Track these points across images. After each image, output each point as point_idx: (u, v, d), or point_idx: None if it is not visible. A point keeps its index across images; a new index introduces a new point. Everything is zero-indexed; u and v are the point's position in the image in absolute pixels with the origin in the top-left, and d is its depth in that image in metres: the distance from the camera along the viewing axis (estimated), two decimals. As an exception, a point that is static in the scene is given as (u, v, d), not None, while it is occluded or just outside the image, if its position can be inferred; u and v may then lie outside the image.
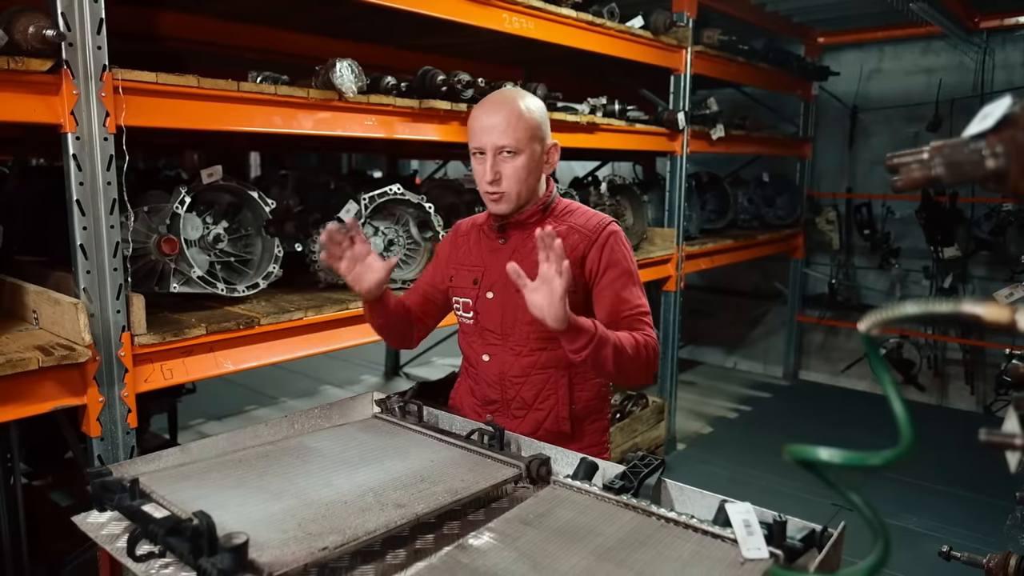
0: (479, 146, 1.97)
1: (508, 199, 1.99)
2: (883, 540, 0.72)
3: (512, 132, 1.92)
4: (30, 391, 2.09)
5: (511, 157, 1.94)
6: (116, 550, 1.35)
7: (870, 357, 0.75)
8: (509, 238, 2.07)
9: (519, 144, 1.93)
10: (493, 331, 2.07)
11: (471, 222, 2.24)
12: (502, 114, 1.93)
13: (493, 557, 1.27)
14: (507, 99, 1.97)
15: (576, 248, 2.00)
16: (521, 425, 2.04)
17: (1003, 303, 0.71)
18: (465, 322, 2.15)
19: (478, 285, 2.09)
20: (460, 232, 2.24)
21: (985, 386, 6.22)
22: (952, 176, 0.78)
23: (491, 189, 1.97)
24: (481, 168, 1.98)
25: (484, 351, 2.09)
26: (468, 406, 2.18)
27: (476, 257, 2.13)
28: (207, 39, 3.80)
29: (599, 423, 2.15)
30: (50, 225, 3.07)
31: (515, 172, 1.95)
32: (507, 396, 2.07)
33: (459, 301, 2.15)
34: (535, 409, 2.05)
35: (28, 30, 1.96)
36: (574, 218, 2.07)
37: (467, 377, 2.20)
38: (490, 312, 2.07)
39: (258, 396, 6.41)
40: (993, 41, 6.04)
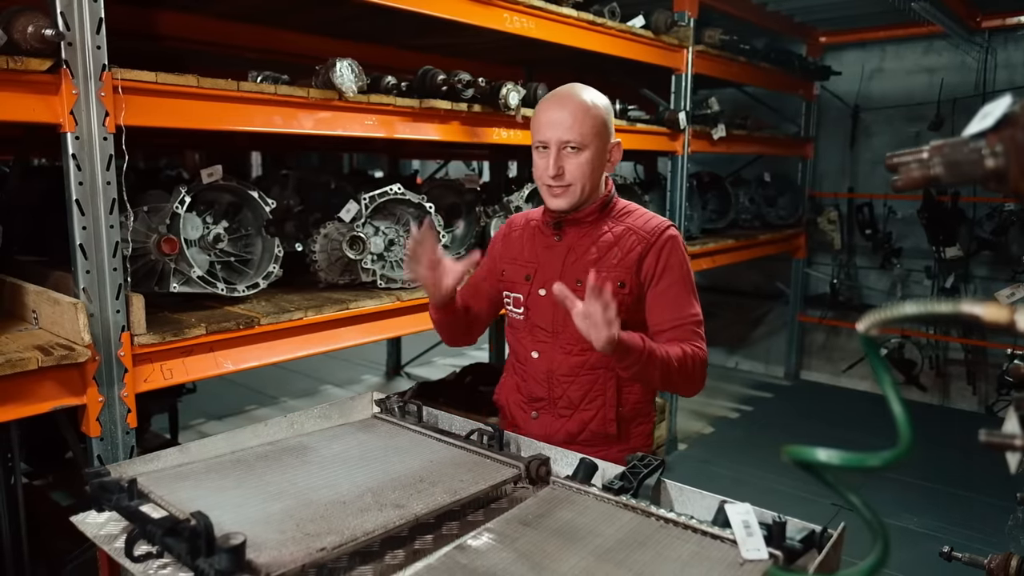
0: (543, 140, 1.95)
1: (570, 195, 1.96)
2: (882, 541, 0.72)
3: (578, 127, 1.90)
4: (30, 391, 2.09)
5: (575, 153, 1.92)
6: (114, 550, 1.35)
7: (870, 358, 0.74)
8: (564, 235, 2.05)
9: (584, 139, 1.91)
10: (544, 328, 2.04)
11: (525, 217, 2.22)
12: (568, 109, 1.92)
13: (492, 558, 1.27)
14: (574, 94, 1.95)
15: (633, 249, 1.98)
16: (567, 424, 2.03)
17: (1004, 303, 0.71)
18: (515, 317, 2.13)
19: (530, 281, 2.07)
20: (514, 227, 2.22)
21: (987, 386, 6.22)
22: (951, 176, 0.77)
23: (553, 183, 1.95)
24: (543, 162, 1.96)
25: (533, 348, 2.06)
26: (514, 402, 2.15)
27: (530, 253, 2.11)
28: (207, 39, 3.79)
29: (645, 426, 2.11)
30: (50, 225, 3.06)
31: (578, 168, 1.93)
32: (554, 395, 2.04)
33: (510, 296, 2.14)
34: (582, 409, 2.02)
35: (27, 30, 1.96)
36: (632, 219, 2.04)
37: (513, 373, 2.17)
38: (542, 309, 2.04)
39: (259, 396, 6.41)
40: (995, 41, 6.03)
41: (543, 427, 2.04)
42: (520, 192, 3.95)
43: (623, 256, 1.97)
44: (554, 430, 2.02)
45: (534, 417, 2.08)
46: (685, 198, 5.04)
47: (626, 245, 1.98)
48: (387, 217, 3.32)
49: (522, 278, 2.09)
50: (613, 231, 2.01)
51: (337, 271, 3.20)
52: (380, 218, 3.28)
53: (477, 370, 5.06)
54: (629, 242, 1.98)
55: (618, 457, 1.85)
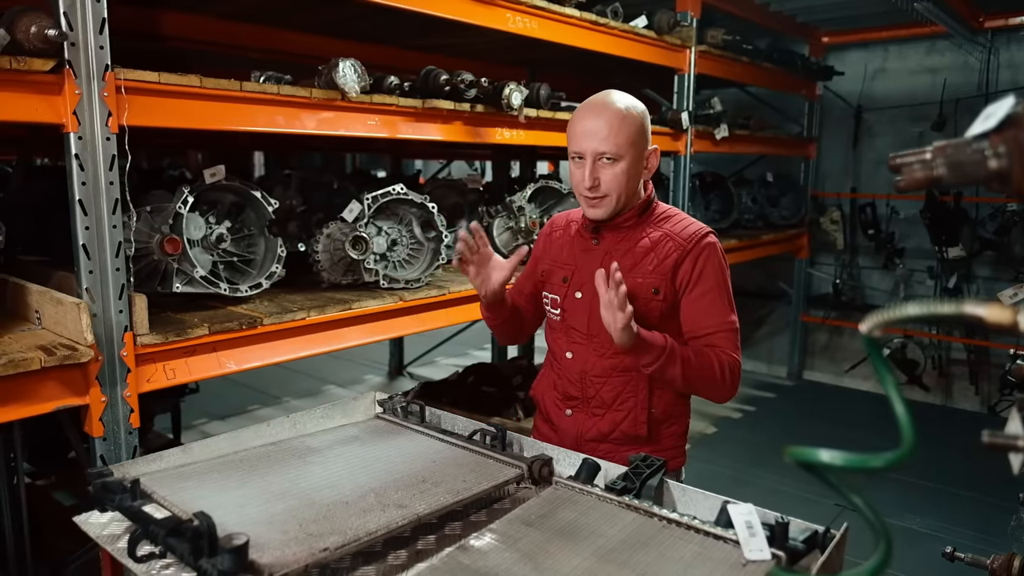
0: (579, 151, 1.94)
1: (606, 205, 1.97)
2: (885, 542, 0.72)
3: (613, 138, 1.89)
4: (33, 391, 2.09)
5: (611, 164, 1.92)
6: (117, 551, 1.35)
7: (872, 359, 0.74)
8: (602, 239, 2.06)
9: (619, 150, 1.90)
10: (578, 330, 2.06)
11: (566, 217, 2.22)
12: (604, 119, 1.90)
13: (495, 558, 1.27)
14: (609, 103, 1.93)
15: (669, 255, 1.98)
16: (599, 424, 2.05)
17: (1007, 303, 0.71)
18: (552, 318, 2.15)
19: (567, 283, 2.08)
20: (556, 227, 2.23)
21: (989, 386, 6.21)
22: (954, 176, 0.77)
23: (589, 195, 1.95)
24: (580, 172, 1.95)
25: (568, 348, 2.09)
26: (550, 399, 2.18)
27: (568, 255, 2.12)
28: (209, 39, 3.79)
29: (677, 427, 2.12)
30: (53, 225, 3.07)
31: (614, 178, 1.93)
32: (587, 394, 2.06)
33: (548, 296, 2.16)
34: (614, 410, 2.03)
35: (30, 30, 1.96)
36: (670, 224, 2.04)
37: (550, 371, 2.20)
38: (577, 311, 2.06)
39: (261, 396, 6.41)
40: (998, 40, 6.02)
41: (576, 424, 2.08)
42: (523, 192, 3.95)
43: (659, 262, 1.98)
44: (586, 428, 2.06)
45: (568, 414, 2.11)
46: (688, 198, 5.04)
47: (662, 251, 1.98)
48: (390, 217, 3.32)
49: (560, 280, 2.11)
50: (650, 236, 2.02)
51: (340, 271, 3.20)
52: (383, 218, 3.28)
53: (480, 370, 5.06)
54: (666, 248, 1.99)
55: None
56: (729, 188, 6.09)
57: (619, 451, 1.93)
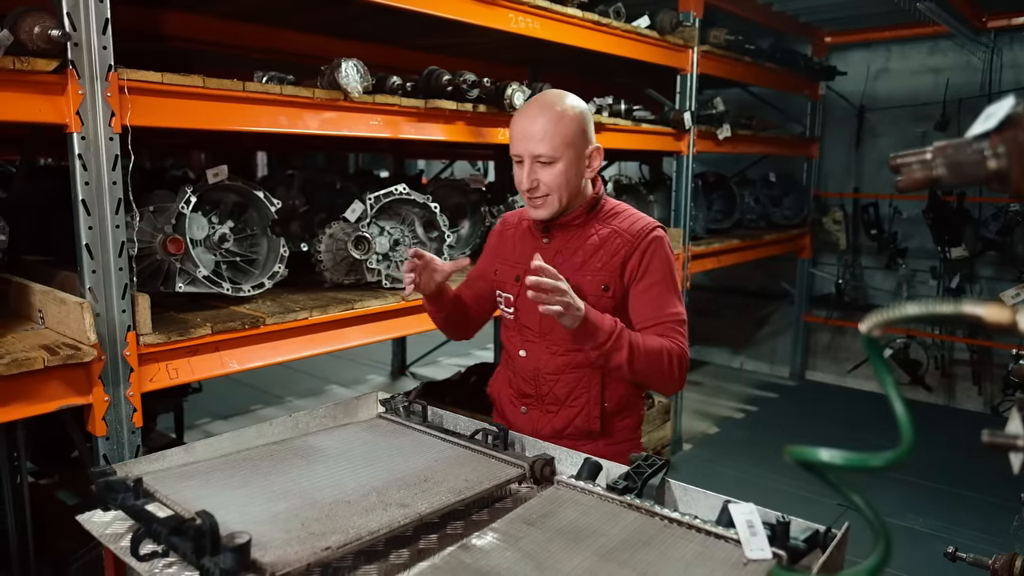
0: (517, 153, 1.97)
1: (548, 205, 1.99)
2: (884, 541, 0.72)
3: (549, 140, 1.91)
4: (36, 390, 2.10)
5: (548, 165, 1.94)
6: (120, 549, 1.35)
7: (872, 358, 0.75)
8: (553, 238, 2.08)
9: (555, 152, 1.93)
10: (531, 328, 2.08)
11: (519, 216, 2.24)
12: (539, 121, 1.92)
13: (496, 557, 1.27)
14: (546, 105, 1.95)
15: (618, 252, 2.00)
16: (553, 420, 2.08)
17: (1009, 303, 0.71)
18: (507, 316, 2.17)
19: (520, 282, 2.09)
20: (508, 225, 2.26)
21: (992, 387, 6.20)
22: (954, 176, 0.78)
23: (529, 196, 1.99)
24: (520, 174, 1.98)
25: (522, 346, 2.11)
26: (505, 396, 2.21)
27: (520, 253, 2.14)
28: (212, 39, 3.80)
29: (630, 420, 2.15)
30: (56, 225, 3.07)
31: (553, 179, 1.95)
32: (541, 392, 2.08)
33: (502, 295, 2.18)
34: (567, 406, 2.06)
35: (34, 30, 1.97)
36: (619, 220, 2.06)
37: (506, 369, 2.22)
38: (530, 310, 2.06)
39: (264, 396, 6.42)
40: (1001, 40, 6.01)
41: (531, 422, 2.10)
42: (525, 192, 3.95)
43: (608, 259, 2.00)
44: (541, 425, 2.08)
45: (523, 412, 2.13)
46: (690, 198, 5.04)
47: (611, 248, 2.01)
48: (392, 217, 3.33)
49: (512, 279, 2.13)
50: (600, 233, 2.04)
51: (342, 271, 3.21)
52: (385, 218, 3.29)
53: (482, 370, 5.06)
54: (614, 244, 2.01)
55: (604, 452, 1.91)
56: (732, 188, 6.09)
57: (575, 447, 1.93)
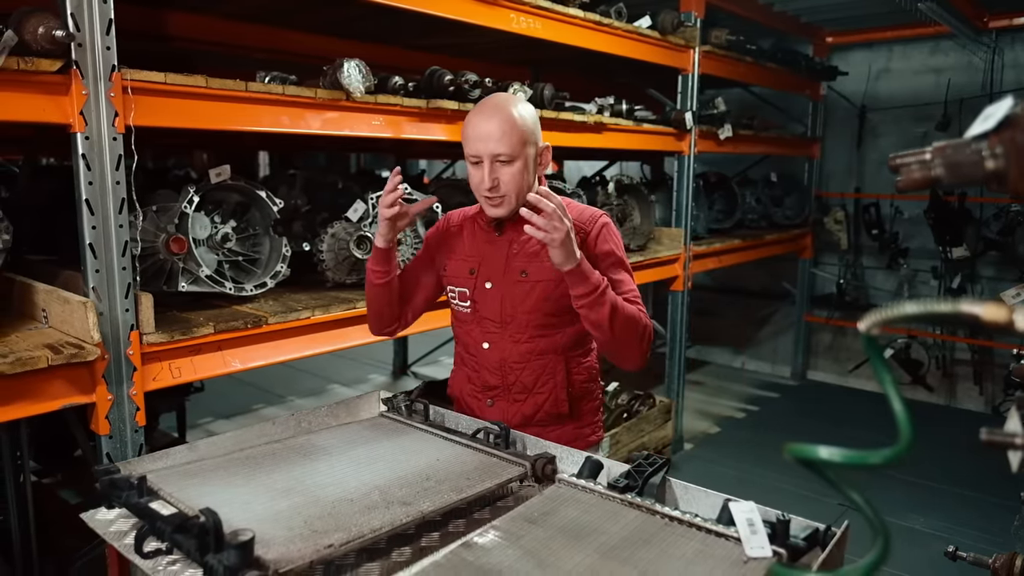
0: (475, 154, 2.00)
1: (507, 203, 2.03)
2: (883, 538, 0.73)
3: (507, 140, 1.96)
4: (40, 389, 2.11)
5: (507, 164, 1.98)
6: (124, 547, 1.36)
7: (871, 356, 0.75)
8: (505, 231, 2.12)
9: (514, 151, 1.97)
10: (492, 320, 2.11)
11: (462, 214, 2.28)
12: (495, 122, 1.96)
13: (498, 555, 1.28)
14: (499, 106, 2.00)
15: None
16: (523, 408, 2.11)
17: (1010, 303, 0.71)
18: (462, 311, 2.18)
19: (475, 275, 2.13)
20: (452, 223, 2.28)
21: (994, 387, 6.20)
22: (952, 177, 0.78)
23: (489, 195, 2.02)
24: (479, 174, 2.01)
25: (484, 339, 2.13)
26: (467, 393, 2.22)
27: (471, 248, 2.17)
28: (215, 39, 3.81)
29: (593, 403, 2.23)
30: (59, 224, 3.08)
31: (512, 178, 1.99)
32: (508, 381, 2.11)
33: (455, 290, 2.19)
34: (535, 392, 2.10)
35: (38, 31, 1.98)
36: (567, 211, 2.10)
37: (463, 365, 2.23)
38: (489, 302, 2.11)
39: (266, 395, 6.43)
40: (1002, 41, 6.01)
41: (500, 413, 2.12)
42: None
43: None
44: (510, 414, 2.10)
45: (489, 404, 2.15)
46: (691, 198, 5.05)
47: None
48: (394, 217, 3.33)
49: (466, 272, 2.15)
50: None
51: (344, 270, 3.22)
52: (387, 218, 3.29)
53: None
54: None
55: (573, 434, 2.05)
56: (733, 188, 6.09)
57: (544, 432, 1.97)
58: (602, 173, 6.26)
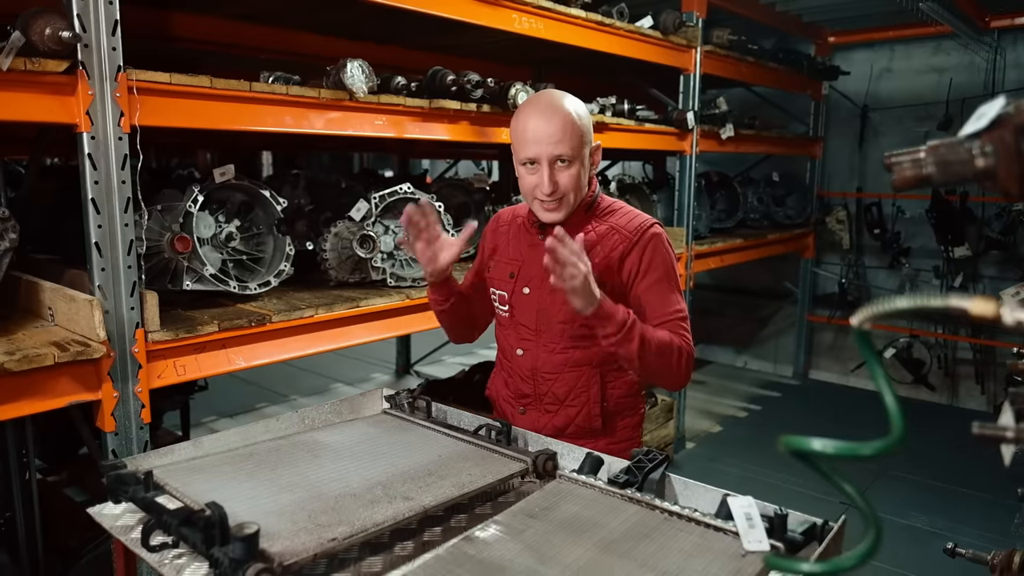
0: (533, 156, 1.89)
1: (564, 207, 1.94)
2: (875, 529, 0.74)
3: (568, 141, 1.86)
4: (46, 386, 2.13)
5: (567, 166, 1.89)
6: (131, 541, 1.38)
7: (862, 350, 0.77)
8: (549, 234, 1.98)
9: (575, 152, 1.88)
10: (527, 326, 2.04)
11: (512, 213, 2.19)
12: (556, 122, 1.86)
13: (499, 549, 1.29)
14: (556, 105, 1.89)
15: (615, 248, 1.96)
16: (553, 420, 2.04)
17: (1011, 301, 0.73)
18: (501, 314, 2.14)
19: (514, 279, 2.06)
20: (501, 222, 2.20)
21: (996, 386, 6.20)
22: (943, 175, 0.80)
23: (548, 200, 1.92)
24: (534, 178, 1.90)
25: (518, 345, 2.07)
26: (503, 397, 2.17)
27: (515, 250, 2.10)
28: (219, 40, 3.83)
29: (631, 419, 2.12)
30: (65, 223, 3.10)
31: (571, 180, 1.90)
32: (539, 391, 2.05)
33: (496, 293, 2.14)
34: (567, 405, 2.03)
35: (44, 31, 2.00)
36: (615, 218, 2.02)
37: (501, 369, 2.19)
38: (525, 308, 2.05)
39: (269, 394, 6.45)
40: (1004, 40, 6.01)
41: (530, 422, 2.05)
42: (528, 191, 3.97)
43: (606, 255, 1.96)
44: (541, 425, 2.03)
45: (521, 412, 2.10)
46: (693, 197, 5.06)
47: (609, 244, 1.97)
48: (397, 216, 3.35)
49: (506, 275, 2.09)
50: (596, 230, 2.00)
51: (347, 269, 3.24)
52: (390, 217, 3.32)
53: (485, 368, 5.07)
54: (612, 241, 1.97)
55: (606, 451, 1.87)
56: (735, 188, 6.11)
57: (575, 445, 1.93)
58: (604, 173, 6.27)
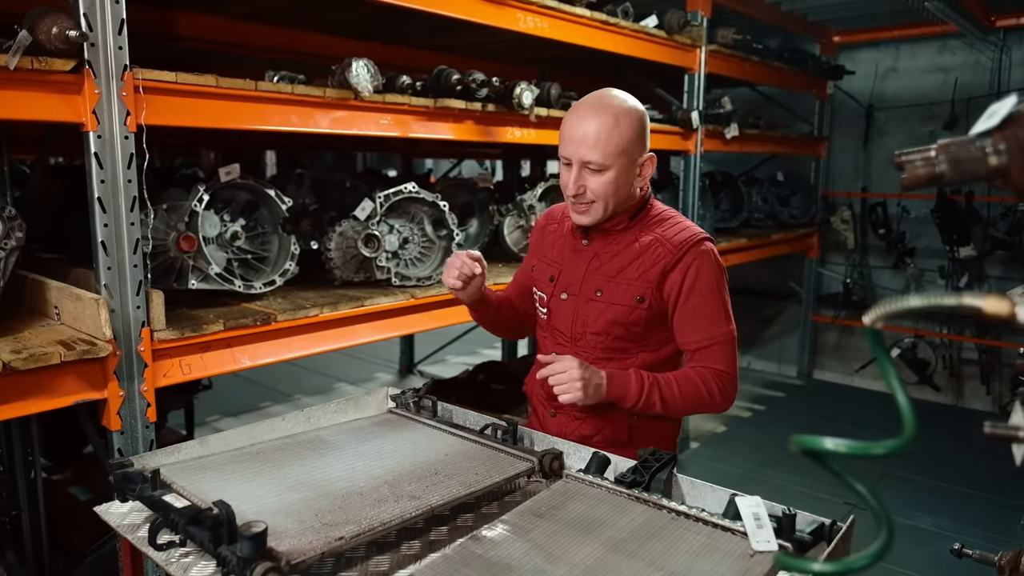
0: (566, 156, 1.89)
1: (593, 212, 1.91)
2: (886, 528, 0.74)
3: (601, 147, 1.82)
4: (52, 385, 2.13)
5: (597, 172, 1.85)
6: (137, 539, 1.38)
7: (873, 349, 0.77)
8: (593, 240, 2.01)
9: (607, 160, 1.83)
10: (562, 332, 2.03)
11: (563, 211, 2.13)
12: (594, 125, 1.82)
13: (506, 548, 1.29)
14: (602, 108, 1.85)
15: (657, 263, 1.92)
16: (581, 427, 2.02)
17: (1018, 301, 0.72)
18: (540, 316, 2.14)
19: (554, 283, 2.05)
20: (552, 219, 2.18)
21: (1001, 386, 6.19)
22: (956, 173, 0.79)
23: (575, 201, 1.91)
24: (567, 176, 1.90)
25: (553, 349, 2.06)
26: (537, 397, 2.17)
27: (558, 253, 2.09)
28: (225, 39, 3.83)
29: (664, 432, 2.08)
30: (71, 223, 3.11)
31: (601, 187, 1.86)
32: None
33: (537, 294, 2.14)
34: (596, 415, 2.00)
35: (51, 31, 2.00)
36: (663, 228, 1.97)
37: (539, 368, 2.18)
38: (561, 314, 2.03)
39: (273, 393, 6.46)
40: (1010, 40, 6.00)
41: (559, 426, 2.05)
42: (533, 191, 3.97)
43: (647, 269, 1.92)
44: (569, 431, 2.02)
45: (552, 415, 2.09)
46: (698, 197, 5.05)
47: (652, 257, 1.92)
48: (402, 215, 3.35)
49: (547, 278, 2.08)
50: (641, 241, 1.95)
51: (352, 269, 3.24)
52: (395, 216, 3.31)
53: (490, 368, 5.08)
54: (656, 254, 1.92)
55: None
56: (739, 187, 6.10)
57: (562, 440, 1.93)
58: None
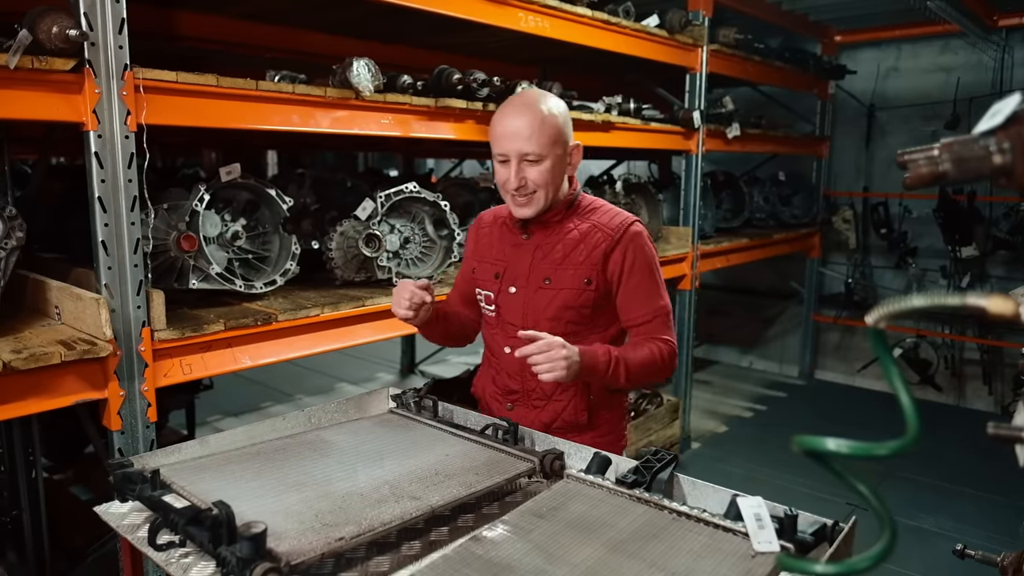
0: (502, 152, 1.98)
1: (535, 203, 2.01)
2: (890, 529, 0.73)
3: (536, 139, 1.93)
4: (53, 385, 2.13)
5: (535, 163, 1.95)
6: (137, 539, 1.38)
7: (876, 349, 0.76)
8: (532, 234, 2.10)
9: (542, 150, 1.94)
10: (515, 325, 2.08)
11: (493, 214, 2.26)
12: (525, 120, 1.93)
13: (507, 549, 1.29)
14: (529, 104, 1.97)
15: (598, 246, 2.03)
16: (541, 415, 2.09)
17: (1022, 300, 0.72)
18: (488, 314, 2.19)
19: (500, 279, 2.12)
20: (483, 224, 2.27)
21: (1003, 386, 6.18)
22: (959, 172, 0.79)
23: (517, 195, 2.00)
24: (505, 172, 1.99)
25: (506, 343, 2.12)
26: (489, 394, 2.23)
27: (498, 251, 2.16)
28: (226, 39, 3.83)
29: (616, 412, 2.19)
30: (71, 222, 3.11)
31: (540, 177, 1.96)
32: (527, 387, 2.10)
33: (482, 293, 2.19)
34: (554, 400, 2.09)
35: (52, 30, 2.00)
36: (597, 216, 2.09)
37: (489, 367, 2.24)
38: (512, 307, 2.10)
39: (274, 393, 6.45)
40: (1012, 39, 5.99)
41: (518, 418, 2.06)
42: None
43: (589, 253, 2.03)
44: (529, 421, 2.07)
45: (509, 408, 2.15)
46: (699, 197, 5.05)
47: (591, 242, 2.04)
48: (403, 215, 3.35)
49: (492, 276, 2.14)
50: (579, 228, 2.07)
51: (353, 268, 3.23)
52: (396, 216, 3.31)
53: (491, 368, 5.07)
54: (595, 239, 2.04)
55: (593, 444, 1.93)
56: (741, 187, 6.09)
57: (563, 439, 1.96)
58: (610, 172, 6.26)
